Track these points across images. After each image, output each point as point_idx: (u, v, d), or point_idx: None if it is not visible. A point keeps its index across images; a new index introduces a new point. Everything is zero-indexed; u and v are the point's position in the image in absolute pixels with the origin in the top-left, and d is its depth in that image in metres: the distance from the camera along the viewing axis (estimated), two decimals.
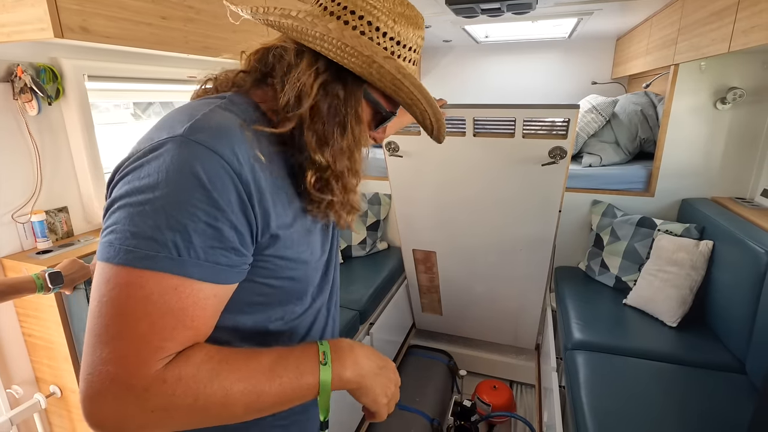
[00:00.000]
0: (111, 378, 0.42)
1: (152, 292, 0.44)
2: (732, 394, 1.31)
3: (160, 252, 0.44)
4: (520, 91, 3.41)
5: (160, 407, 0.43)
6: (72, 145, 1.43)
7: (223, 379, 0.46)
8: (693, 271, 1.65)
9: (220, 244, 0.47)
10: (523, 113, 1.50)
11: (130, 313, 0.43)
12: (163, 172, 0.45)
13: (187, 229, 0.45)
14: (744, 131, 1.87)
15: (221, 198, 0.47)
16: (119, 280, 0.43)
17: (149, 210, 0.44)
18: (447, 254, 2.14)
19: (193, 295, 0.46)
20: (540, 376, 2.17)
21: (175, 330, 0.45)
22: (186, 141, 0.47)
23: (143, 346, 0.43)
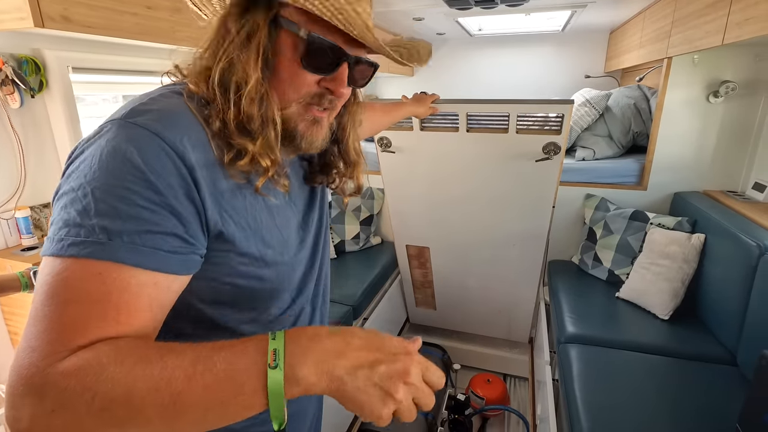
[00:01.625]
0: (17, 373, 0.37)
1: (73, 278, 0.40)
2: (723, 386, 1.32)
3: (88, 237, 0.40)
4: (514, 84, 3.40)
5: (58, 405, 0.36)
6: (57, 139, 1.39)
7: (125, 373, 0.37)
8: (685, 264, 1.66)
9: (158, 228, 0.43)
10: (517, 108, 1.48)
11: (47, 303, 0.39)
12: (96, 156, 0.43)
13: (118, 213, 0.41)
14: (736, 124, 1.88)
15: (159, 181, 0.43)
16: (46, 271, 0.40)
17: (80, 196, 0.41)
18: (441, 250, 2.13)
19: (121, 280, 0.41)
20: (533, 369, 2.18)
21: (95, 320, 0.39)
22: (124, 124, 0.44)
23: (53, 337, 0.38)
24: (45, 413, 0.36)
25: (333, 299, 1.84)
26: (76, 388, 0.36)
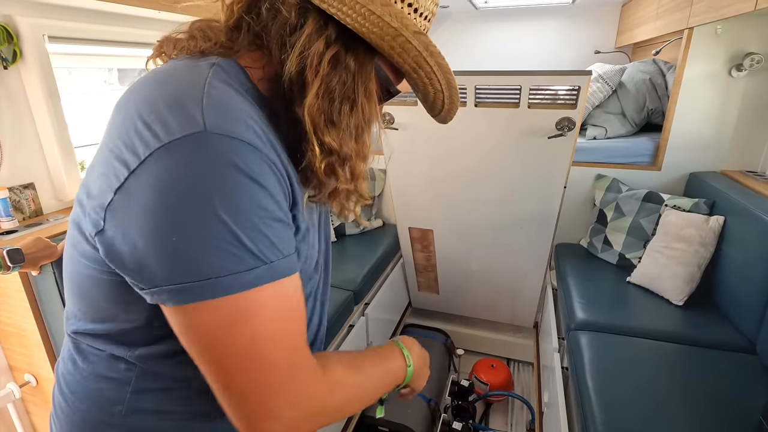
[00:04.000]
0: (280, 405, 0.44)
1: (271, 307, 0.43)
2: (742, 375, 1.26)
3: (257, 265, 0.42)
4: (520, 61, 3.26)
5: (324, 411, 0.48)
6: (35, 115, 1.30)
7: (358, 379, 0.55)
8: (702, 247, 1.58)
9: (286, 235, 0.46)
10: (530, 80, 1.38)
11: (276, 344, 0.44)
12: (207, 177, 0.39)
13: (265, 234, 0.42)
14: (759, 100, 1.77)
15: (270, 188, 0.43)
16: (235, 307, 0.41)
17: (223, 228, 0.40)
18: (445, 232, 2.05)
19: (296, 291, 0.47)
20: (539, 354, 2.13)
21: (304, 329, 0.48)
22: (214, 137, 0.40)
23: (300, 362, 0.46)
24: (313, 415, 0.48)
25: (333, 284, 1.77)
26: (341, 395, 0.51)
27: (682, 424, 1.08)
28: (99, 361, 0.53)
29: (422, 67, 0.52)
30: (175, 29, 0.53)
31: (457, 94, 0.59)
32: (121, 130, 0.43)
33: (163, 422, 0.52)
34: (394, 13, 0.47)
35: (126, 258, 0.42)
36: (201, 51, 0.50)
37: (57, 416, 0.57)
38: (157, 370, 0.52)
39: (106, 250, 0.44)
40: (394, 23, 0.47)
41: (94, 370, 0.53)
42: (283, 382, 0.44)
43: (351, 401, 0.53)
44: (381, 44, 0.48)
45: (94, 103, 1.76)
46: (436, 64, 0.52)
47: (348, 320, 1.71)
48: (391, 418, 1.68)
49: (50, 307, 1.13)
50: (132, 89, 0.47)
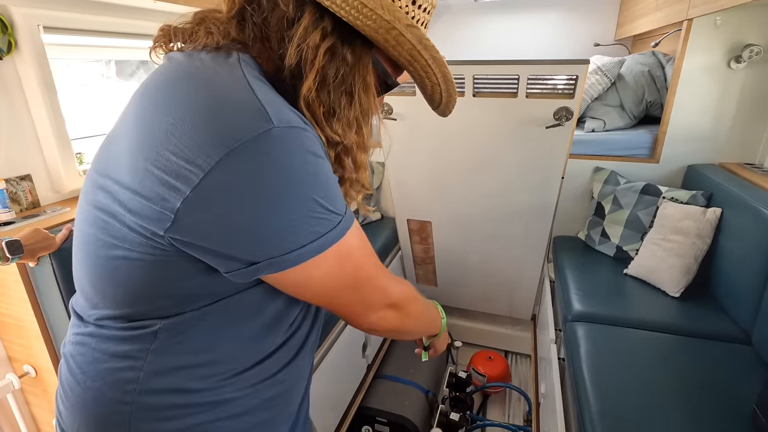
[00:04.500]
0: (388, 297, 0.60)
1: (363, 245, 0.55)
2: (737, 365, 1.27)
3: (339, 220, 0.50)
4: (520, 53, 3.24)
5: (412, 317, 0.66)
6: (31, 106, 1.29)
7: (420, 297, 0.69)
8: (699, 239, 1.58)
9: (339, 188, 0.54)
10: (528, 70, 1.38)
11: (371, 267, 0.56)
12: (292, 167, 0.45)
13: (340, 198, 0.51)
14: (757, 92, 1.77)
15: (327, 157, 0.51)
16: (342, 252, 0.51)
17: (314, 203, 0.47)
18: (443, 224, 2.05)
19: (357, 223, 0.55)
20: (536, 346, 2.15)
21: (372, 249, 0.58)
22: (285, 130, 0.45)
23: (388, 282, 0.60)
24: (407, 317, 0.64)
25: None
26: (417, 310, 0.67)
27: (677, 413, 1.09)
28: (113, 341, 0.54)
29: (417, 60, 0.53)
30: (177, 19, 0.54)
31: (454, 87, 0.61)
32: (177, 133, 0.44)
33: (176, 400, 0.53)
34: (386, 5, 0.48)
35: (213, 245, 0.46)
36: (217, 45, 0.51)
37: (66, 396, 0.58)
38: (175, 349, 0.53)
39: (180, 240, 0.46)
40: (386, 16, 0.48)
41: (108, 349, 0.54)
42: (385, 282, 0.59)
43: (419, 309, 0.68)
44: (376, 37, 0.49)
45: (91, 95, 1.75)
46: (430, 58, 0.54)
47: None
48: (390, 408, 1.69)
49: (48, 298, 1.13)
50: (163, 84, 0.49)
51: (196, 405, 0.54)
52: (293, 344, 0.62)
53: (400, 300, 0.61)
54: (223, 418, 0.55)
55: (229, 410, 0.56)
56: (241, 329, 0.55)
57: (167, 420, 0.53)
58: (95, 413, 0.54)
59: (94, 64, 1.76)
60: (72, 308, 0.61)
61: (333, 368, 1.55)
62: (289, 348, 0.61)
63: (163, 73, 0.51)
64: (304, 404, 0.71)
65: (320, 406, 1.48)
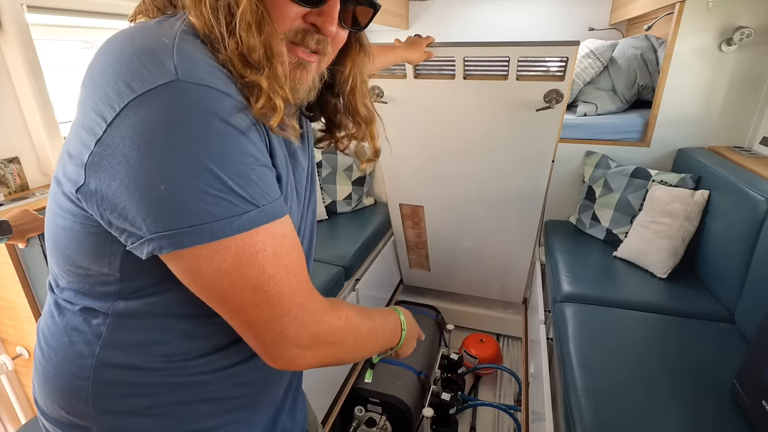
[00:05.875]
0: (301, 328, 0.48)
1: (272, 247, 0.45)
2: (720, 343, 1.29)
3: (250, 209, 0.43)
4: (513, 38, 3.22)
5: (347, 350, 0.55)
6: (17, 88, 1.28)
7: (364, 323, 0.58)
8: (686, 221, 1.60)
9: (272, 180, 0.47)
10: (518, 51, 1.37)
11: (271, 276, 0.45)
12: (186, 126, 0.40)
13: (251, 179, 0.43)
14: (747, 76, 1.77)
15: (250, 135, 0.44)
16: (236, 251, 0.43)
17: (208, 176, 0.41)
18: (435, 209, 2.06)
19: (292, 231, 0.48)
20: (527, 329, 2.18)
21: (304, 267, 0.50)
22: (188, 85, 0.40)
23: (303, 300, 0.48)
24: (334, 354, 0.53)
25: (323, 260, 1.78)
26: (348, 329, 0.54)
27: (660, 388, 1.12)
28: (72, 315, 0.53)
29: None
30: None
31: None
32: (96, 87, 0.43)
33: (135, 378, 0.52)
34: None
35: (112, 210, 0.43)
36: (174, 9, 0.49)
37: (36, 369, 0.58)
38: (131, 326, 0.51)
39: (90, 205, 0.44)
40: None
41: (68, 323, 0.54)
42: (297, 310, 0.47)
43: (358, 339, 0.57)
44: None
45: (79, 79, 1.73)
46: None
47: (338, 295, 1.73)
48: (383, 390, 1.72)
49: (39, 280, 1.14)
50: (102, 48, 0.47)
51: (158, 384, 0.52)
52: None
53: (326, 335, 0.50)
54: (191, 401, 0.54)
55: (198, 393, 0.54)
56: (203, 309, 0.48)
57: (126, 397, 0.52)
58: (58, 386, 0.54)
59: (86, 51, 1.74)
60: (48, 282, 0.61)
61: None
62: None
63: (107, 40, 0.48)
64: (291, 391, 0.70)
65: (313, 388, 1.50)
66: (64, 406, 0.54)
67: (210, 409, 0.55)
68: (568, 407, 1.12)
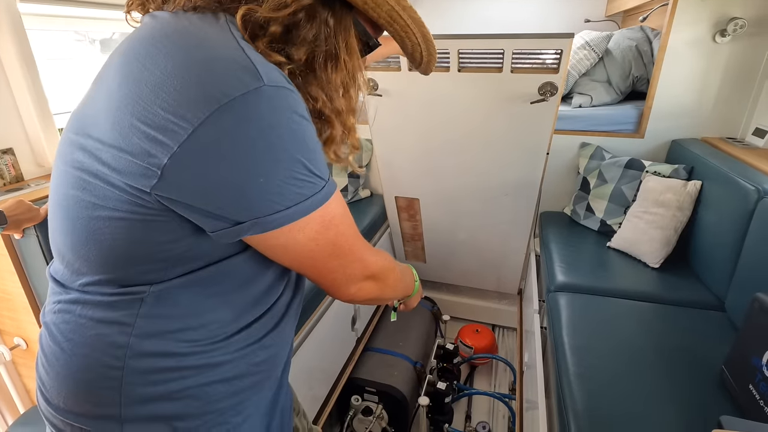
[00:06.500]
0: (365, 268, 0.60)
1: (343, 212, 0.55)
2: (710, 330, 1.32)
3: (323, 186, 0.51)
4: (508, 30, 3.21)
5: (389, 286, 0.68)
6: (10, 78, 1.27)
7: (397, 266, 0.72)
8: (679, 212, 1.62)
9: None
10: (513, 44, 1.38)
11: (349, 235, 0.56)
12: (276, 127, 0.45)
13: (323, 161, 0.52)
14: (741, 67, 1.78)
15: (310, 119, 0.50)
16: (326, 219, 0.52)
17: (296, 165, 0.47)
18: (431, 201, 2.07)
19: (340, 194, 0.56)
20: (522, 319, 2.20)
21: (355, 225, 0.59)
22: (274, 89, 0.45)
23: (365, 252, 0.60)
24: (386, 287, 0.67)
25: None
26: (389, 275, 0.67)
27: (651, 374, 1.14)
28: (98, 307, 0.53)
29: (396, 20, 0.55)
30: None
31: (433, 46, 0.63)
32: (165, 88, 0.43)
33: (166, 363, 0.53)
34: None
35: (199, 203, 0.47)
36: (194, 6, 0.50)
37: (50, 364, 0.57)
38: (163, 312, 0.53)
39: (165, 199, 0.46)
40: None
41: (95, 316, 0.53)
42: (364, 254, 0.59)
43: (396, 279, 0.69)
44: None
45: (76, 70, 1.72)
46: (409, 18, 0.56)
47: None
48: (379, 379, 1.74)
49: (35, 271, 1.14)
50: (151, 40, 0.47)
51: (186, 368, 0.54)
52: (277, 310, 0.63)
53: (378, 271, 0.62)
54: (213, 381, 0.56)
55: (219, 374, 0.56)
56: (229, 295, 0.55)
57: (157, 384, 0.53)
58: (84, 379, 0.54)
59: (79, 43, 1.73)
60: (50, 276, 0.60)
61: (323, 341, 1.59)
62: (273, 314, 0.62)
63: (150, 30, 0.49)
64: (286, 371, 0.72)
65: (310, 377, 1.52)
66: (90, 398, 0.54)
67: (227, 389, 0.58)
68: (561, 394, 1.14)
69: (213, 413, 0.57)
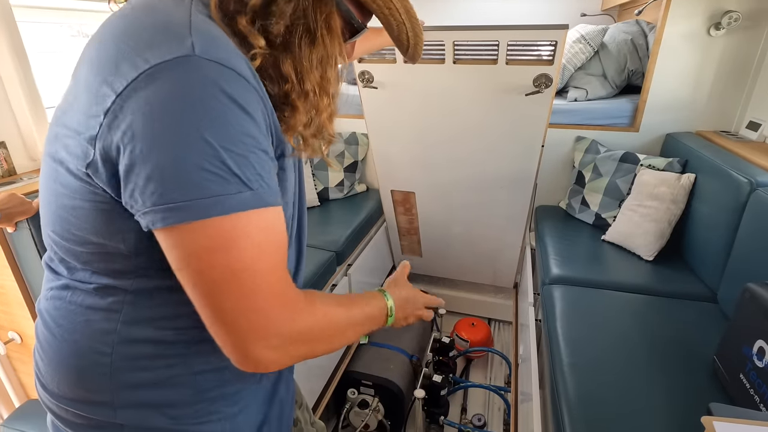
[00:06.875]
0: (265, 328, 0.45)
1: (251, 234, 0.43)
2: (702, 322, 1.33)
3: (241, 191, 0.42)
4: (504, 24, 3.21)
5: (323, 343, 0.53)
6: (1, 71, 1.26)
7: (343, 313, 0.56)
8: (673, 204, 1.63)
9: (270, 167, 0.46)
10: (508, 35, 1.38)
11: (264, 272, 0.44)
12: (193, 102, 0.40)
13: (250, 161, 0.43)
14: (735, 60, 1.79)
15: (257, 119, 0.44)
16: (219, 231, 0.42)
17: (207, 151, 0.40)
18: (426, 195, 2.07)
19: (277, 222, 0.47)
20: (517, 313, 2.21)
21: (285, 262, 0.48)
22: (204, 61, 0.41)
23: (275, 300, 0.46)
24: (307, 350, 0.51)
25: (316, 245, 1.79)
26: (325, 325, 0.52)
27: (644, 364, 1.15)
28: (87, 294, 0.53)
29: None
30: None
31: (419, 25, 0.60)
32: (106, 59, 0.43)
33: (155, 350, 0.53)
34: None
35: (119, 181, 0.43)
36: None
37: (44, 350, 0.57)
38: (149, 301, 0.52)
39: (99, 179, 0.44)
40: None
41: (84, 302, 0.53)
42: (270, 307, 0.45)
43: (334, 334, 0.54)
44: None
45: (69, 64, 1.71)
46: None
47: (331, 280, 1.75)
48: (375, 372, 1.75)
49: (28, 264, 1.14)
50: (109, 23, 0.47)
51: (173, 356, 0.54)
52: None
53: (300, 335, 0.48)
54: (204, 371, 0.56)
55: (208, 363, 0.56)
56: None
57: (147, 370, 0.53)
58: (75, 365, 0.54)
59: (74, 38, 1.72)
60: (44, 263, 0.60)
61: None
62: None
63: (114, 15, 0.49)
64: None
65: (306, 371, 1.52)
66: (83, 385, 0.54)
67: (218, 378, 0.57)
68: (554, 385, 1.15)
69: (205, 402, 0.57)
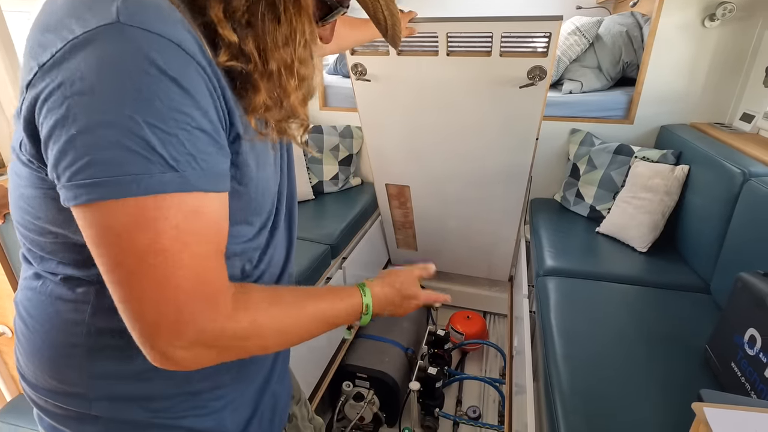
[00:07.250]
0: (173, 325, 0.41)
1: (175, 217, 0.39)
2: (695, 312, 1.33)
3: (165, 172, 0.38)
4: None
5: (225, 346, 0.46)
6: None
7: (284, 317, 0.51)
8: (667, 196, 1.63)
9: (213, 147, 0.42)
10: (501, 27, 1.37)
11: (163, 257, 0.39)
12: (119, 74, 0.37)
13: (180, 140, 0.39)
14: (729, 51, 1.79)
15: (194, 93, 0.40)
16: (133, 211, 0.38)
17: (128, 126, 0.37)
18: (421, 189, 2.07)
19: (213, 209, 0.43)
20: (512, 305, 2.22)
21: (217, 255, 0.44)
22: (129, 29, 0.37)
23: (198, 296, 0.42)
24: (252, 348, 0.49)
25: (310, 238, 1.78)
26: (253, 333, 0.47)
27: (637, 354, 1.16)
28: (55, 284, 0.52)
29: None
30: None
31: (394, 4, 0.59)
32: (39, 32, 0.41)
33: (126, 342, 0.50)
34: None
35: (44, 159, 0.40)
36: None
37: (20, 343, 0.57)
38: None
39: (32, 158, 0.43)
40: None
41: (52, 293, 0.52)
42: (184, 301, 0.41)
43: (272, 337, 0.49)
44: None
45: None
46: None
47: (325, 273, 1.74)
48: (370, 365, 1.75)
49: (17, 257, 1.13)
50: None
51: None
52: None
53: (215, 341, 0.44)
54: None
55: None
56: None
57: (120, 361, 0.52)
58: (48, 356, 0.53)
59: None
60: (21, 255, 0.58)
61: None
62: None
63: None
64: (280, 358, 0.70)
65: (302, 363, 1.52)
66: (56, 376, 0.53)
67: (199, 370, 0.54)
68: (548, 376, 1.15)
69: (185, 395, 0.56)
